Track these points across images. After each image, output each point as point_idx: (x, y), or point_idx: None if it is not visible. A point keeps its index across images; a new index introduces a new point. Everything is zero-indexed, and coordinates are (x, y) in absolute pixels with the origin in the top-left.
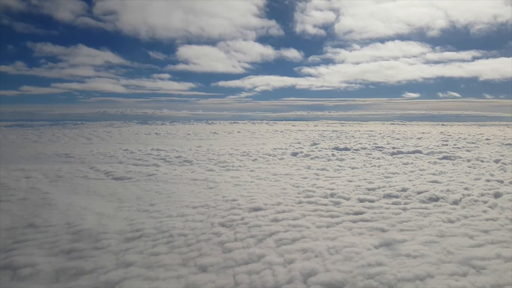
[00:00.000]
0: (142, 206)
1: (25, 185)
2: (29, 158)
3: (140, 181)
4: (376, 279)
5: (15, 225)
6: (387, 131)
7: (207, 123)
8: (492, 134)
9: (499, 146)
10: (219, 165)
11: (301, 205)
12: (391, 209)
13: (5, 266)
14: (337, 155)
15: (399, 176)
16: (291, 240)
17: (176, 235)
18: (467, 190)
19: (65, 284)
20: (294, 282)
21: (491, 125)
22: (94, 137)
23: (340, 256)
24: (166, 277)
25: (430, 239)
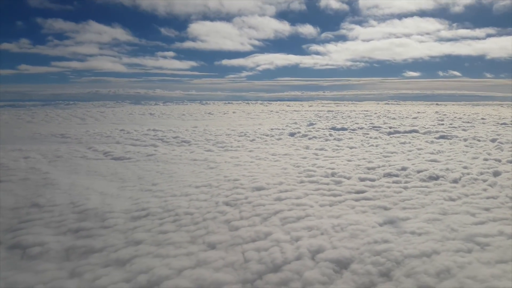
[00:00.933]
0: (144, 185)
1: (24, 165)
2: (25, 139)
3: (140, 161)
4: (383, 255)
5: (19, 205)
6: (382, 111)
7: (201, 103)
8: (487, 113)
9: (494, 126)
10: (218, 145)
11: (303, 185)
12: (392, 187)
13: (14, 246)
14: (334, 135)
15: (398, 155)
16: (296, 218)
17: (182, 214)
18: (466, 169)
19: (76, 263)
20: (303, 258)
21: (485, 105)
22: (88, 118)
23: (346, 233)
24: (177, 254)
25: (433, 216)
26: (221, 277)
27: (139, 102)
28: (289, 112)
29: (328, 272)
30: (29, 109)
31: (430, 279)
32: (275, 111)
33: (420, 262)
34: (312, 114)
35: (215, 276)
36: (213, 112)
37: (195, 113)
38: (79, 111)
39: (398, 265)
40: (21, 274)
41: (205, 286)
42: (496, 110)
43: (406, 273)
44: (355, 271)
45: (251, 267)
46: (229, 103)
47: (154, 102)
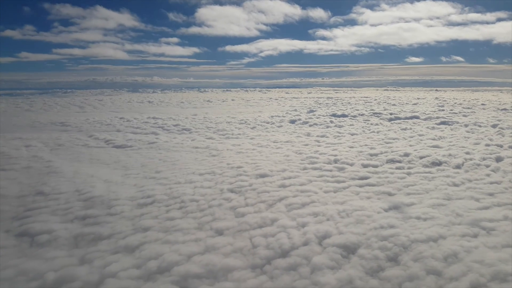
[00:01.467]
0: (148, 173)
1: (26, 154)
2: (25, 127)
3: (141, 149)
4: (390, 240)
5: (24, 193)
6: (382, 97)
7: (199, 91)
8: (487, 99)
9: (494, 111)
10: (218, 133)
11: (306, 171)
12: (395, 173)
13: (22, 233)
14: (335, 122)
15: (400, 141)
16: (301, 204)
17: (188, 201)
18: (468, 154)
19: (85, 250)
20: (310, 244)
21: (484, 91)
22: (86, 106)
23: (352, 219)
24: (185, 241)
25: (438, 202)
26: (230, 263)
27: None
28: (288, 99)
29: (336, 257)
30: (27, 98)
31: (438, 263)
32: (274, 98)
33: (427, 247)
34: (312, 101)
35: (225, 262)
36: (212, 99)
37: (194, 100)
38: (77, 99)
39: (406, 250)
40: (31, 262)
41: (215, 271)
42: (495, 96)
43: (414, 258)
44: (362, 256)
45: (259, 252)
46: (227, 91)
47: (152, 90)
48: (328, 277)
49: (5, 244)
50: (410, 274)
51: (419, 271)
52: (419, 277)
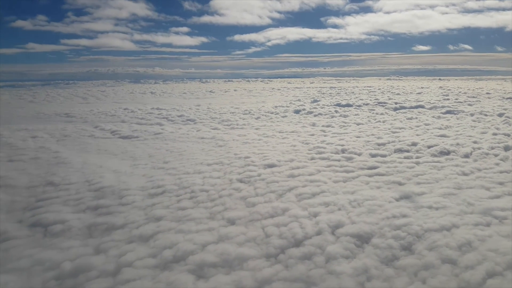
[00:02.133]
0: (156, 163)
1: (33, 145)
2: (30, 118)
3: (148, 139)
4: (403, 230)
5: (34, 183)
6: (385, 87)
7: (201, 81)
8: (492, 88)
9: (500, 100)
10: (223, 123)
11: (314, 161)
12: (404, 163)
13: (35, 224)
14: (340, 112)
15: (406, 131)
16: (311, 194)
17: (198, 191)
18: (476, 143)
19: (100, 239)
20: (323, 233)
21: (487, 79)
22: (90, 97)
23: (363, 208)
24: (198, 230)
25: (448, 191)
26: (245, 252)
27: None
28: (291, 89)
29: (350, 246)
30: (30, 89)
31: (452, 252)
32: (277, 89)
33: (440, 236)
34: (315, 91)
35: (239, 251)
36: (214, 90)
37: (196, 91)
38: (79, 90)
39: (419, 239)
40: (47, 252)
41: (230, 261)
42: (500, 85)
43: (428, 247)
44: (376, 245)
45: (273, 242)
46: (229, 81)
47: (153, 81)
48: (344, 266)
49: (19, 234)
50: (425, 263)
51: (434, 260)
52: (435, 266)
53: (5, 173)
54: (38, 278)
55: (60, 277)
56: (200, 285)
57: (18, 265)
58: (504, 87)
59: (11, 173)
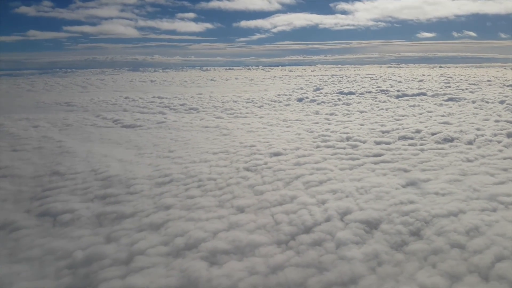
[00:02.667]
0: (161, 152)
1: (35, 134)
2: (29, 108)
3: (151, 128)
4: (411, 216)
5: (39, 173)
6: (387, 74)
7: (201, 69)
8: (492, 75)
9: (501, 88)
10: (226, 112)
11: (320, 149)
12: (408, 150)
13: (43, 213)
14: (343, 100)
15: (409, 118)
16: (318, 182)
17: (206, 180)
18: (479, 130)
19: (110, 228)
20: (332, 220)
21: (488, 67)
22: (89, 85)
23: (371, 195)
24: (208, 218)
25: (454, 177)
26: (256, 239)
27: (137, 69)
28: (292, 77)
29: (360, 232)
30: (27, 78)
31: (461, 237)
32: (278, 77)
33: (448, 221)
34: (317, 79)
35: (250, 238)
36: (215, 78)
37: (197, 79)
38: (78, 79)
39: (427, 225)
40: (57, 241)
41: (242, 247)
42: (500, 72)
43: (436, 232)
44: (386, 231)
45: (283, 229)
46: (230, 69)
47: (153, 69)
48: (354, 252)
49: (28, 224)
50: (435, 248)
51: (443, 245)
52: (444, 251)
53: (10, 163)
54: (51, 267)
55: (73, 266)
56: (213, 272)
57: (29, 255)
58: (504, 75)
59: (16, 163)
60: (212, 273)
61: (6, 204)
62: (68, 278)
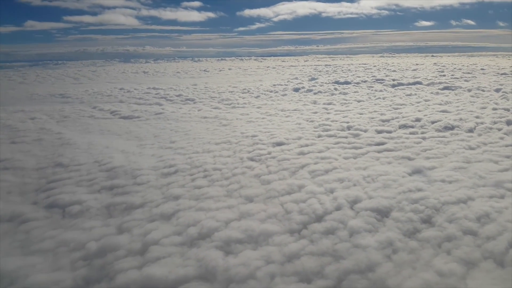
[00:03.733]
0: (163, 143)
1: (33, 126)
2: (24, 100)
3: (150, 119)
4: (421, 203)
5: (42, 165)
6: (380, 64)
7: (193, 60)
8: (485, 64)
9: (495, 76)
10: (223, 102)
11: (322, 139)
12: (410, 138)
13: (51, 205)
14: (339, 89)
15: (407, 107)
16: (324, 171)
17: (211, 170)
18: (478, 118)
19: (121, 219)
20: (342, 209)
21: (480, 56)
22: (81, 77)
23: (378, 184)
24: (218, 208)
25: (458, 165)
26: (268, 228)
27: (128, 60)
28: (286, 67)
29: (371, 220)
30: (18, 70)
31: (472, 224)
32: (272, 67)
33: (458, 208)
34: (311, 68)
35: (263, 227)
36: (208, 69)
37: (190, 70)
38: (69, 70)
39: (438, 212)
40: (69, 233)
41: (255, 236)
42: (492, 61)
43: (448, 219)
44: (397, 219)
45: (294, 218)
46: (222, 60)
47: (144, 60)
48: (368, 240)
49: (36, 216)
50: (447, 235)
51: (455, 232)
52: (457, 238)
53: (11, 155)
54: (65, 259)
55: (88, 257)
56: (230, 261)
57: (42, 247)
58: (497, 63)
59: (17, 155)
60: (229, 262)
61: (12, 197)
62: (84, 270)
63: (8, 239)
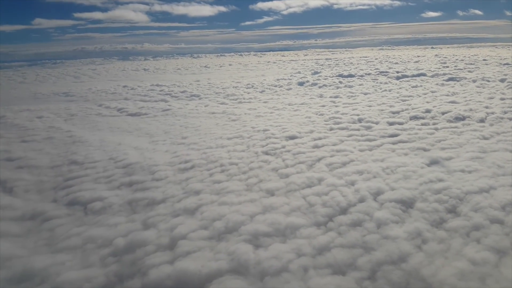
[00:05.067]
0: (174, 139)
1: (41, 125)
2: (27, 99)
3: (157, 116)
4: (444, 193)
5: (56, 163)
6: (381, 56)
7: (193, 57)
8: (487, 55)
9: (498, 66)
10: (229, 98)
11: (334, 132)
12: (423, 129)
13: (71, 202)
14: (344, 82)
15: (415, 98)
16: (341, 163)
17: (227, 164)
18: (488, 108)
19: (145, 214)
20: (366, 201)
21: (478, 47)
22: (82, 75)
23: (398, 175)
24: (240, 202)
25: (475, 155)
26: (294, 221)
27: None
28: (286, 62)
29: (397, 211)
30: (17, 70)
31: (498, 212)
32: (273, 62)
33: (482, 198)
34: (312, 62)
35: (288, 220)
36: (209, 65)
37: (191, 67)
38: (69, 69)
39: (462, 202)
40: (95, 229)
41: (282, 230)
42: (493, 51)
43: (473, 208)
44: (422, 210)
45: (318, 210)
46: (221, 56)
47: (143, 57)
48: (396, 231)
49: (58, 213)
50: (474, 224)
51: (482, 221)
52: (484, 226)
53: (24, 154)
54: (95, 255)
55: (117, 254)
56: (261, 254)
57: (69, 244)
58: (498, 54)
59: (30, 154)
60: (260, 255)
61: (30, 195)
62: (115, 266)
63: (33, 237)
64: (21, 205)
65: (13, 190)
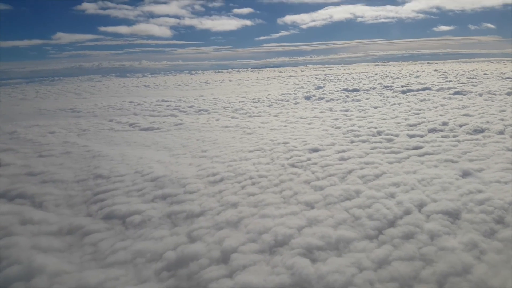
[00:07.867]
0: (194, 152)
1: (55, 140)
2: (33, 115)
3: (171, 130)
4: (488, 204)
5: (81, 177)
6: (380, 72)
7: (190, 73)
8: (486, 69)
9: (500, 80)
10: (238, 112)
11: (356, 144)
12: (445, 142)
13: (108, 216)
14: (351, 96)
15: (427, 112)
16: (374, 176)
17: (257, 177)
18: (503, 121)
19: (187, 227)
20: (412, 213)
21: (473, 62)
22: (82, 92)
23: (436, 187)
24: (282, 214)
25: (505, 166)
26: (344, 234)
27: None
28: (286, 77)
29: (446, 223)
30: (15, 87)
31: None
32: (272, 77)
33: None
34: (312, 78)
35: (338, 233)
36: (209, 81)
37: (191, 83)
38: (68, 86)
39: (507, 212)
40: (141, 243)
41: (334, 243)
42: (490, 66)
43: None
44: (471, 221)
45: (365, 223)
46: (219, 72)
47: (141, 74)
48: (452, 242)
49: (97, 228)
50: None
51: None
52: None
53: (45, 168)
54: (148, 270)
55: (171, 268)
56: (321, 268)
57: (117, 259)
58: (496, 68)
59: (51, 168)
60: (321, 269)
61: (62, 209)
62: (173, 280)
63: (77, 252)
64: (56, 219)
65: (43, 204)
